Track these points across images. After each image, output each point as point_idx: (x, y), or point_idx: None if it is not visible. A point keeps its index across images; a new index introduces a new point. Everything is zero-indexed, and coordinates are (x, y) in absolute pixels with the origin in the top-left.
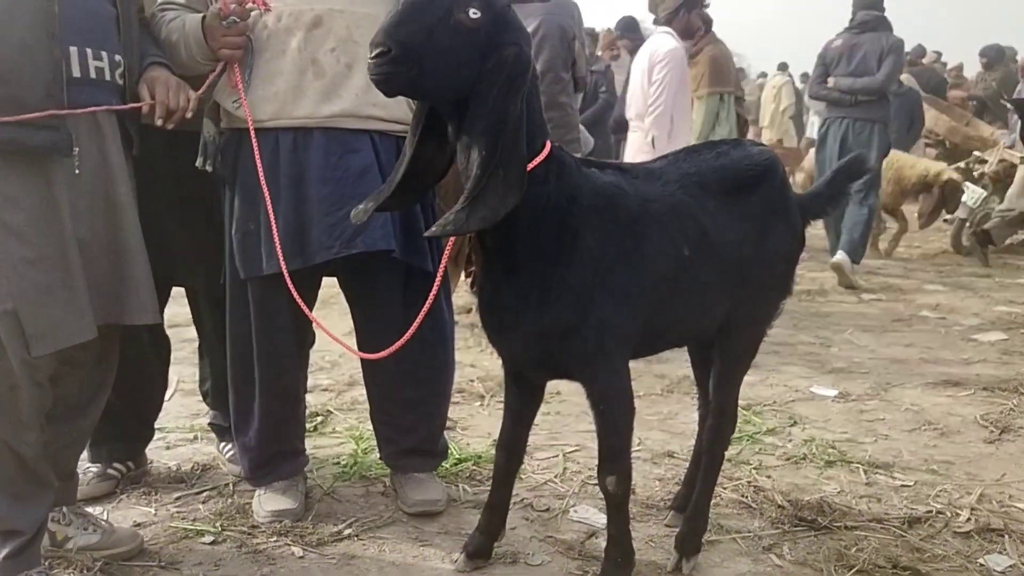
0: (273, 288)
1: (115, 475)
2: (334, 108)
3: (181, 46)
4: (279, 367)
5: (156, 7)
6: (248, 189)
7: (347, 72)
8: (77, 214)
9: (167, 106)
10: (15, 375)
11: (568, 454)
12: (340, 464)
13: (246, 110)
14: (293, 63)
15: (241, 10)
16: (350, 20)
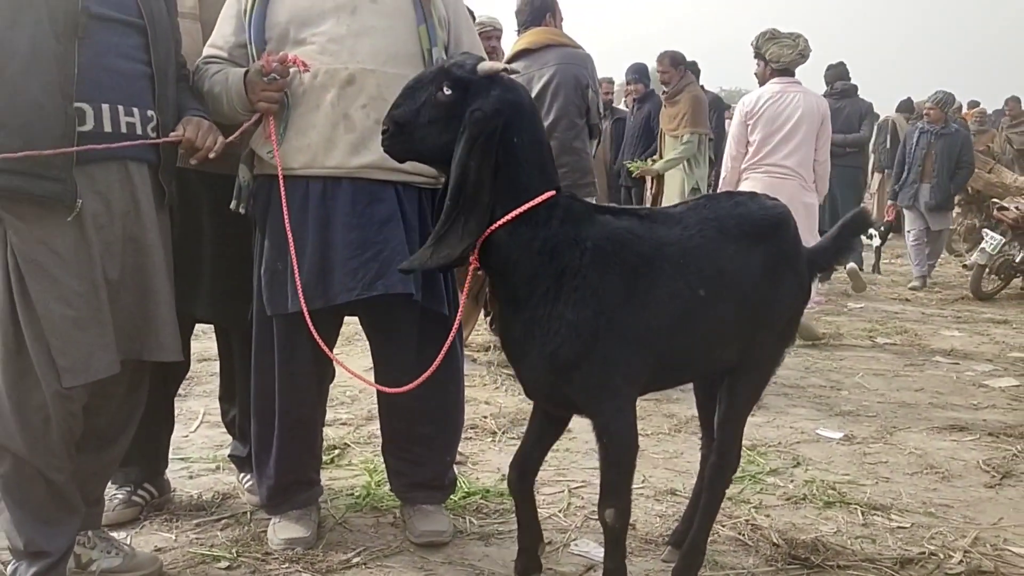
0: (296, 326)
1: (139, 502)
2: (363, 160)
3: (223, 97)
4: (299, 401)
5: (201, 60)
6: (277, 231)
7: (376, 127)
8: (108, 255)
9: (193, 143)
10: (48, 406)
11: (573, 490)
12: (354, 495)
13: (278, 159)
14: (327, 117)
15: (282, 68)
16: (381, 79)
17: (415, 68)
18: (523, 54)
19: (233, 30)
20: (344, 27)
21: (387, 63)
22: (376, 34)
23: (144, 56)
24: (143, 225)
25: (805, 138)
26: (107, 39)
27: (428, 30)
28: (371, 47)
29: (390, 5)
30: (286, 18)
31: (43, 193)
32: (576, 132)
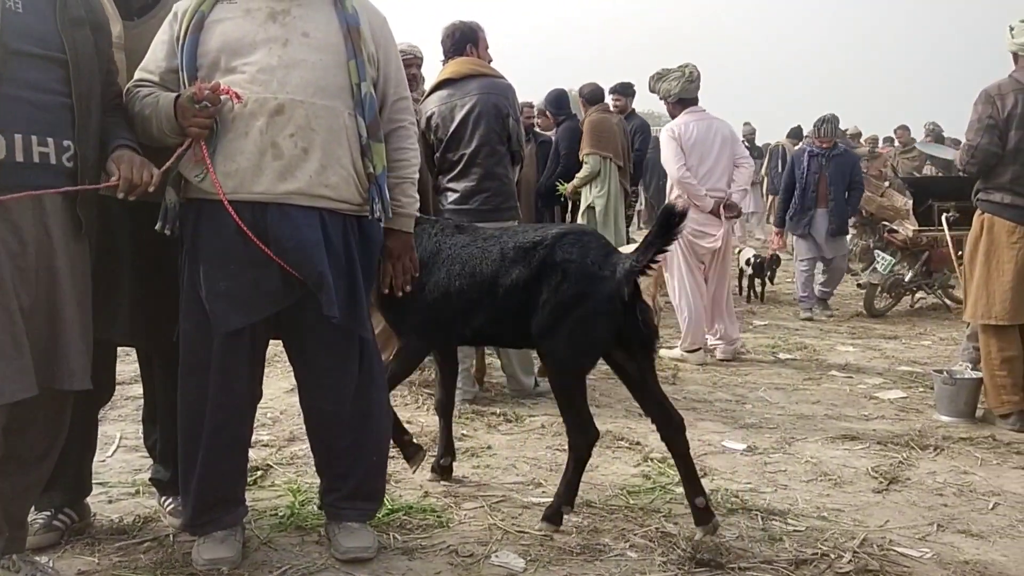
0: (235, 344)
1: (60, 526)
2: (289, 187)
3: (153, 120)
4: (233, 419)
5: (132, 83)
6: (215, 253)
7: (303, 156)
8: (21, 283)
9: (130, 181)
10: None
11: (493, 505)
12: (277, 516)
13: (215, 182)
14: (255, 144)
15: (214, 96)
16: (309, 110)
17: (344, 101)
18: (446, 83)
19: (165, 55)
20: (275, 58)
21: (316, 95)
22: (306, 67)
23: (64, 88)
24: (55, 254)
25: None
26: (24, 74)
27: (358, 66)
28: (301, 79)
29: (321, 40)
30: (218, 46)
31: None
32: (498, 159)
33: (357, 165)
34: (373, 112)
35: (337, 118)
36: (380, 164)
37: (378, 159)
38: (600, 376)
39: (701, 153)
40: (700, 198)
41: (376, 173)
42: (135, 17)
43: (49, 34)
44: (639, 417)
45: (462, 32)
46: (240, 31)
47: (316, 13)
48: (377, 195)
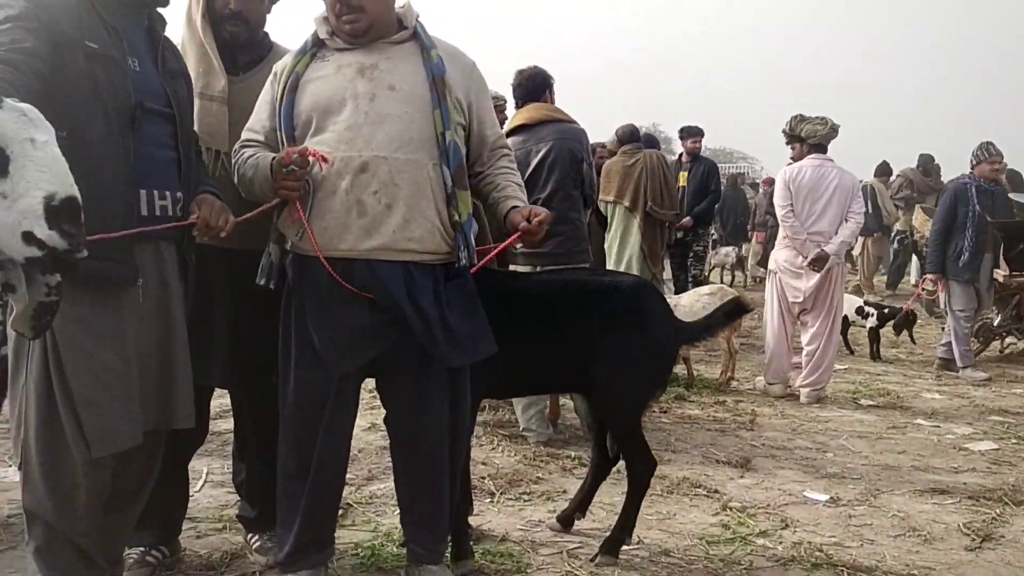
0: (341, 387)
1: (152, 562)
2: (373, 243)
3: (255, 181)
4: (336, 460)
5: (239, 142)
6: (317, 304)
7: (387, 211)
8: (139, 332)
9: (207, 222)
10: (79, 474)
11: (571, 551)
12: (359, 556)
13: (311, 239)
14: (341, 203)
15: (301, 160)
16: (392, 166)
17: (427, 152)
18: (520, 129)
19: (268, 115)
20: (362, 115)
21: (400, 149)
22: (392, 121)
23: (173, 142)
24: (170, 302)
25: (839, 209)
26: (149, 130)
27: (442, 114)
28: (386, 134)
29: (407, 92)
30: (310, 106)
31: (112, 275)
32: (572, 203)
33: (442, 215)
34: (458, 159)
35: (421, 171)
36: (465, 211)
37: (463, 206)
38: (675, 421)
39: (809, 198)
40: (799, 241)
41: (462, 221)
42: (240, 72)
43: (158, 89)
44: (716, 464)
45: (537, 78)
46: (331, 89)
47: (403, 65)
48: (463, 242)
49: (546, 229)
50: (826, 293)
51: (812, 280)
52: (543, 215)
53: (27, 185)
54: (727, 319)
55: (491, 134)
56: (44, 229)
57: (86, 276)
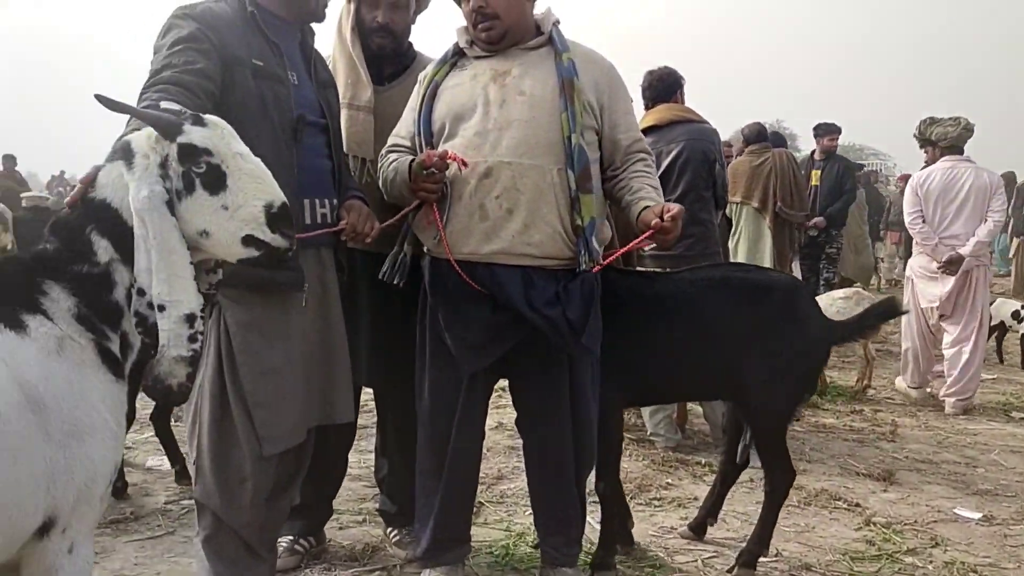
0: (472, 386)
1: (300, 551)
2: (493, 247)
3: (395, 183)
4: (469, 458)
5: (386, 147)
6: (449, 304)
7: (507, 216)
8: (303, 334)
9: (355, 228)
10: (246, 469)
11: (706, 560)
12: (493, 554)
13: (444, 243)
14: (465, 207)
15: (440, 163)
16: (516, 171)
17: (553, 157)
18: (650, 130)
19: (412, 121)
20: (491, 121)
21: (524, 155)
22: (518, 126)
23: (328, 152)
24: (330, 303)
25: (975, 210)
26: (308, 141)
27: (570, 117)
28: (511, 140)
29: (536, 97)
30: (444, 112)
31: (283, 281)
32: (703, 204)
33: (564, 220)
34: (584, 163)
35: (544, 176)
36: (588, 215)
37: (587, 210)
38: (809, 429)
39: (940, 202)
40: (931, 247)
41: (584, 225)
42: (386, 83)
43: (313, 101)
44: (856, 476)
45: (668, 79)
46: (464, 96)
47: (535, 70)
48: (584, 247)
49: (680, 227)
50: (966, 297)
51: (948, 285)
52: (676, 210)
53: (246, 196)
54: (880, 320)
55: (625, 138)
56: (267, 233)
57: (258, 282)
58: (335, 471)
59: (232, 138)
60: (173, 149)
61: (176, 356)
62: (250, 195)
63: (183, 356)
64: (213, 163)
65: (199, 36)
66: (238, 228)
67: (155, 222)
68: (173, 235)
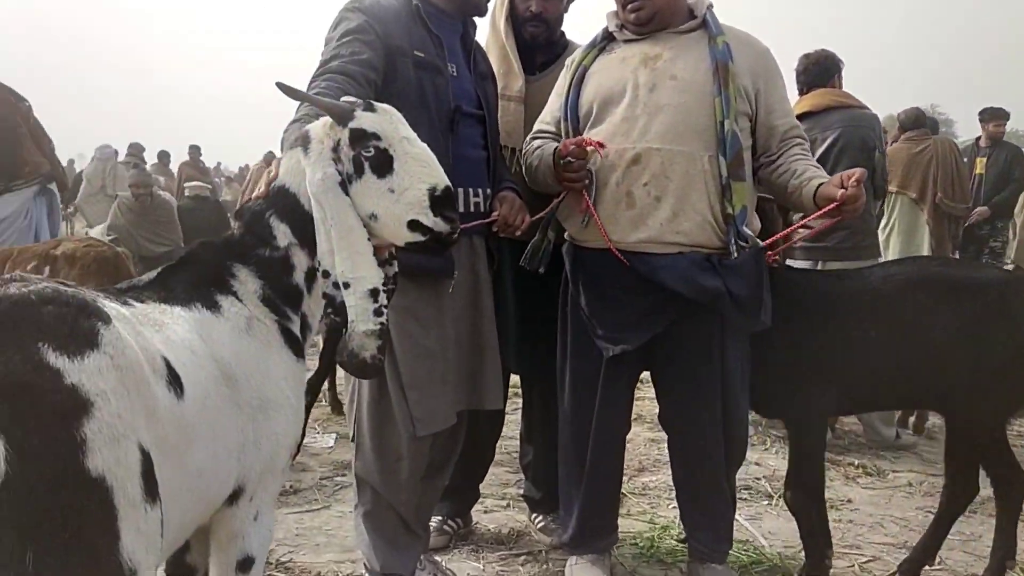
0: (615, 376)
1: (449, 531)
2: (640, 235)
3: (540, 172)
4: (611, 449)
5: (531, 134)
6: (595, 290)
7: (655, 204)
8: (455, 319)
9: (506, 220)
10: (402, 448)
11: (863, 565)
12: (637, 545)
13: (599, 227)
14: (612, 195)
15: (578, 151)
16: (665, 157)
17: (704, 143)
18: (804, 117)
19: (558, 107)
20: (640, 106)
21: (674, 141)
22: (669, 112)
23: (483, 142)
24: (481, 291)
25: None
26: (464, 131)
27: (723, 102)
28: (661, 125)
29: (688, 81)
30: (591, 98)
31: (434, 268)
32: None
33: (715, 208)
34: (736, 149)
35: (695, 163)
36: (740, 203)
37: (738, 198)
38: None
39: None
40: None
41: (735, 213)
42: (537, 72)
43: (471, 92)
44: None
45: (824, 62)
46: (612, 80)
47: (687, 54)
48: (735, 236)
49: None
50: None
51: None
52: (859, 173)
53: (411, 180)
54: None
55: (782, 123)
56: (430, 217)
57: (411, 269)
58: (484, 456)
59: (400, 123)
60: (345, 134)
61: (365, 331)
62: (415, 178)
63: (371, 330)
64: (381, 147)
65: (366, 28)
66: (404, 212)
67: (331, 203)
68: (350, 214)
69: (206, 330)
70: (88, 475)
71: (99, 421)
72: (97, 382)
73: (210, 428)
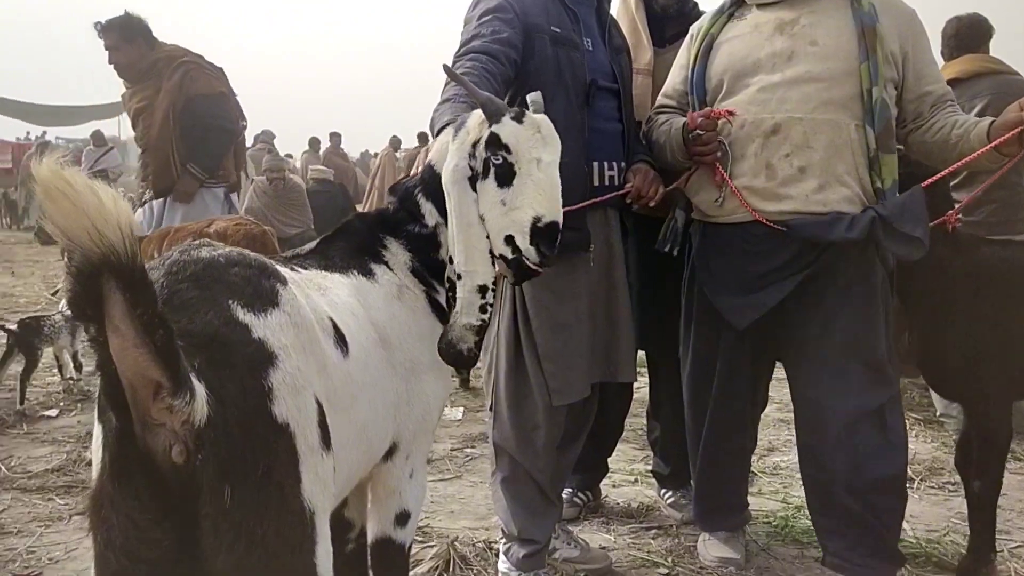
0: (736, 355)
1: (579, 503)
2: (783, 207)
3: (666, 148)
4: (732, 428)
5: (653, 109)
6: (723, 267)
7: (799, 175)
8: (589, 292)
9: (640, 191)
10: (539, 417)
11: (1012, 550)
12: (771, 524)
13: (739, 196)
14: (750, 167)
15: (708, 123)
16: (808, 127)
17: (850, 112)
18: (951, 84)
19: (682, 80)
20: (778, 75)
21: (817, 109)
22: (810, 80)
23: (617, 115)
24: (614, 264)
25: None
26: (599, 105)
27: (870, 69)
28: (802, 94)
29: (830, 47)
30: (723, 68)
31: (569, 241)
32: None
33: (864, 182)
34: (885, 120)
35: (840, 132)
36: (890, 177)
37: (887, 172)
38: None
39: None
40: None
41: (884, 188)
42: (665, 44)
43: (606, 66)
44: None
45: (977, 26)
46: (746, 49)
47: (827, 19)
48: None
49: None
50: None
51: None
52: None
53: (523, 201)
54: None
55: (934, 89)
56: (525, 242)
57: None
58: (614, 430)
59: (540, 144)
60: (486, 134)
61: (466, 324)
62: (527, 201)
63: (473, 324)
64: (508, 160)
65: (505, 7)
66: (506, 226)
67: (456, 194)
68: (472, 209)
69: (363, 295)
70: (275, 420)
71: (283, 372)
72: (280, 337)
73: (371, 386)
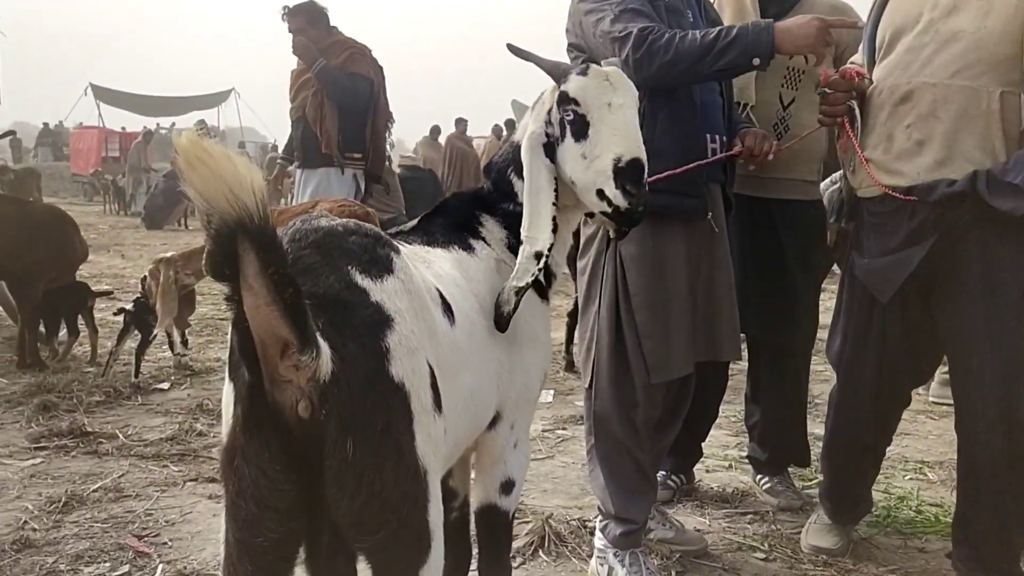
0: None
1: (672, 486)
2: (890, 182)
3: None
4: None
5: None
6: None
7: (916, 149)
8: (692, 268)
9: (752, 150)
10: (637, 395)
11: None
12: (874, 515)
13: (866, 168)
14: (874, 138)
15: (839, 82)
16: (939, 94)
17: (999, 77)
18: None
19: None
20: (931, 34)
21: (958, 75)
22: (963, 40)
23: (719, 88)
24: (717, 240)
25: None
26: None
27: None
28: (948, 56)
29: (996, 3)
30: (887, 25)
31: (686, 209)
32: None
33: (998, 158)
34: None
35: (978, 101)
36: None
37: None
38: None
39: None
40: None
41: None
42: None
43: None
44: None
45: None
46: (909, 4)
47: None
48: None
49: None
50: None
51: None
52: None
53: (601, 147)
54: None
55: None
56: (612, 188)
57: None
58: (708, 413)
59: (609, 89)
60: (556, 96)
61: (514, 286)
62: (603, 146)
63: (519, 287)
64: (579, 112)
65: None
66: (592, 179)
67: (529, 160)
68: (542, 175)
69: (464, 268)
70: (392, 380)
71: (398, 334)
72: (395, 301)
73: (476, 354)
